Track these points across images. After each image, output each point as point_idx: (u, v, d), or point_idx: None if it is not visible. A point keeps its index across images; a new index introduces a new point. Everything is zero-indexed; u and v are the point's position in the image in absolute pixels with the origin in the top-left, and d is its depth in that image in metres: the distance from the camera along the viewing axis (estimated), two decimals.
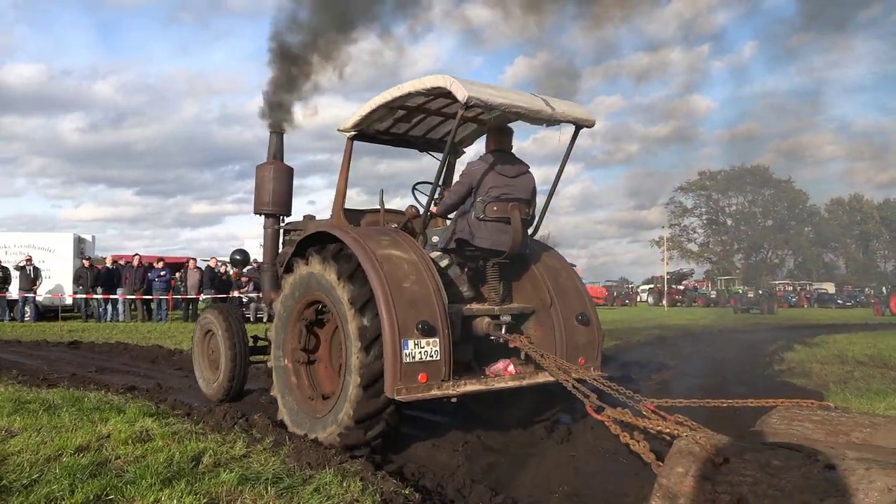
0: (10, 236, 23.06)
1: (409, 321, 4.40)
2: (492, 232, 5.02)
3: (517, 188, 5.10)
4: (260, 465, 4.20)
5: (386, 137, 6.26)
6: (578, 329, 5.20)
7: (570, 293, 5.36)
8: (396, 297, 4.43)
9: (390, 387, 4.36)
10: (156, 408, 5.91)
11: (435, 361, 4.44)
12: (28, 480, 3.72)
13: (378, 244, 4.75)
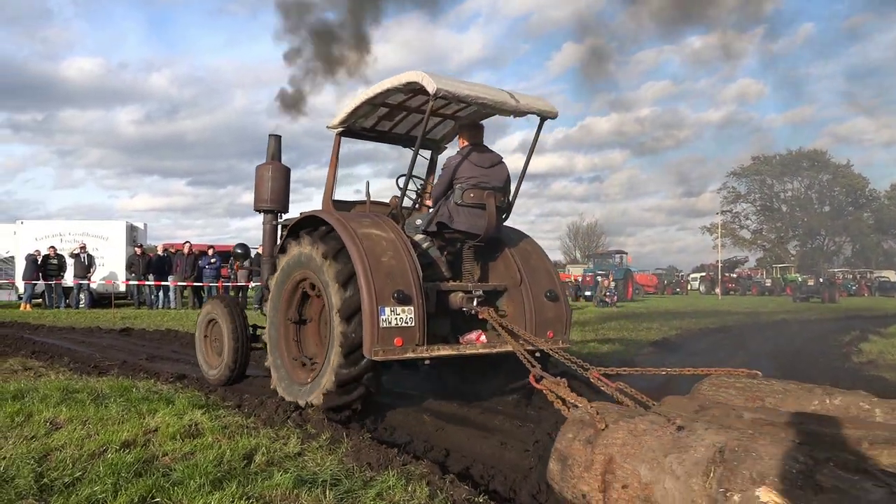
0: (65, 224, 23.43)
1: (386, 290, 4.81)
2: (468, 216, 5.49)
3: (492, 177, 5.58)
4: (316, 464, 3.87)
5: (371, 134, 6.67)
6: (547, 305, 5.63)
7: (539, 272, 5.80)
8: (374, 269, 4.85)
9: (368, 348, 4.73)
10: (205, 399, 5.65)
11: (410, 328, 4.85)
12: (70, 479, 3.45)
13: (360, 224, 5.19)
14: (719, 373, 4.13)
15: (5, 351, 9.14)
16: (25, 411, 4.84)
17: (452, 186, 5.55)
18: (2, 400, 5.20)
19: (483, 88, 5.38)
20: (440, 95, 5.13)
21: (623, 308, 26.11)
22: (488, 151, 5.71)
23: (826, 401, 3.55)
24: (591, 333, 12.87)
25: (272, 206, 7.00)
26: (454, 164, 5.57)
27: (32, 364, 7.98)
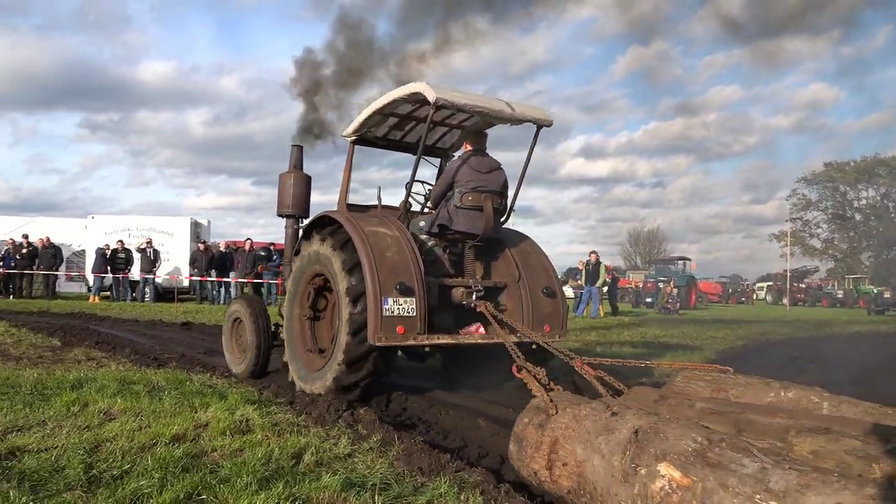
0: (132, 219, 24.15)
1: (389, 282, 5.20)
2: (467, 218, 5.82)
3: (490, 182, 5.89)
4: (366, 467, 3.73)
5: (383, 143, 7.11)
6: (544, 300, 5.95)
7: (537, 270, 6.12)
8: (379, 262, 5.25)
9: (372, 335, 5.12)
10: (258, 394, 5.60)
11: (411, 317, 5.23)
12: (119, 471, 3.40)
13: (367, 223, 5.62)
14: (692, 367, 4.57)
15: (71, 341, 9.36)
16: (82, 401, 4.87)
17: (452, 190, 5.90)
18: (61, 389, 5.25)
19: (480, 98, 5.74)
20: (440, 104, 5.50)
21: (685, 315, 25.39)
22: (488, 157, 6.06)
23: (781, 394, 3.93)
24: (649, 340, 12.46)
25: (293, 212, 7.35)
26: (454, 169, 5.93)
27: (95, 354, 8.13)
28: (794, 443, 3.10)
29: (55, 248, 21.99)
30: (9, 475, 3.23)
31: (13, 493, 2.97)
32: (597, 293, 21.48)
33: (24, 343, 8.95)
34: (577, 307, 22.95)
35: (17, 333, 9.94)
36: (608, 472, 2.93)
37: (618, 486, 2.86)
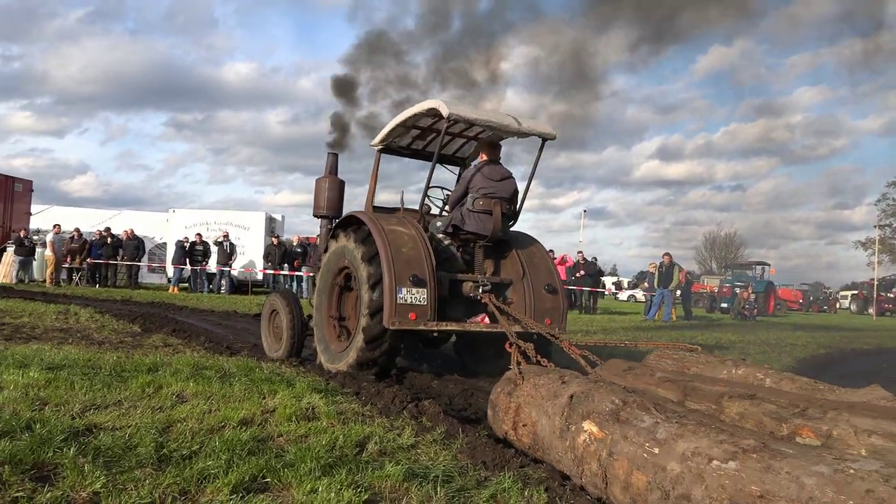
0: (210, 213, 24.93)
1: (404, 274, 5.84)
2: (478, 220, 6.44)
3: (501, 189, 6.47)
4: (429, 458, 3.69)
5: (407, 151, 7.76)
6: (546, 297, 6.53)
7: (541, 269, 6.69)
8: (395, 256, 5.89)
9: (388, 319, 5.80)
10: (325, 384, 5.65)
11: (422, 305, 5.88)
12: (188, 451, 3.46)
13: (387, 222, 6.27)
14: (665, 346, 5.24)
15: (150, 328, 9.70)
16: (157, 383, 5.00)
17: (467, 195, 6.49)
18: (137, 372, 5.41)
19: (490, 113, 6.37)
20: (452, 119, 6.14)
21: (762, 322, 24.47)
22: (501, 167, 6.61)
23: (733, 370, 4.56)
24: (723, 344, 12.03)
25: (328, 213, 7.93)
26: (469, 177, 6.55)
27: (172, 341, 8.39)
28: (726, 406, 3.82)
29: (138, 240, 22.90)
30: (85, 450, 3.32)
31: (88, 467, 3.06)
32: (669, 296, 20.91)
33: (106, 328, 9.32)
34: (647, 310, 22.42)
35: (100, 319, 10.37)
36: (551, 430, 3.60)
37: (557, 441, 3.54)
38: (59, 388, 4.63)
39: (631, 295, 51.77)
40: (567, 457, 3.42)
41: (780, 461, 2.44)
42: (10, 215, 22.92)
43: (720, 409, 3.84)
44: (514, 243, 6.82)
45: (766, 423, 3.58)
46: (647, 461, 2.92)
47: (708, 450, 2.71)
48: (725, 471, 2.57)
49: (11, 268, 20.09)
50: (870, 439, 3.12)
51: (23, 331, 8.48)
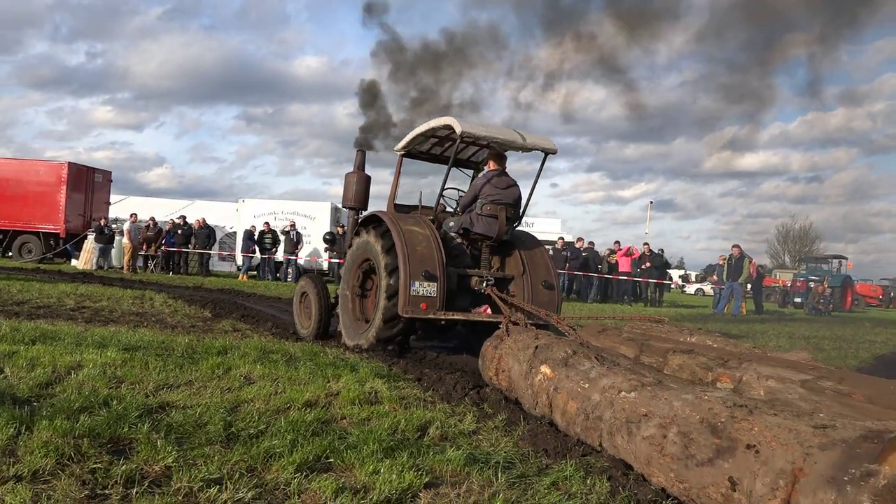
0: (278, 203, 25.47)
1: (417, 270, 6.55)
2: (485, 223, 7.17)
3: (506, 196, 7.18)
4: (490, 444, 3.69)
5: (426, 156, 8.45)
6: (542, 291, 7.22)
7: (539, 266, 7.38)
8: (411, 253, 6.61)
9: (402, 308, 6.51)
10: (387, 370, 5.71)
11: (432, 297, 6.58)
12: (255, 431, 3.55)
13: (405, 223, 6.98)
14: (637, 318, 6.40)
15: (220, 313, 9.99)
16: (226, 365, 5.15)
17: (476, 200, 7.20)
18: (208, 354, 5.58)
19: (498, 130, 7.15)
20: (464, 136, 6.93)
21: (838, 317, 23.53)
22: (507, 176, 7.34)
23: (688, 338, 5.55)
24: (796, 340, 11.60)
25: (355, 205, 8.67)
26: (479, 185, 7.24)
27: (241, 326, 8.63)
28: (670, 359, 4.86)
29: (210, 228, 23.59)
30: (158, 426, 3.45)
31: (160, 443, 3.17)
32: (739, 289, 20.29)
33: (179, 313, 9.65)
34: (716, 304, 21.83)
35: (174, 305, 10.74)
36: (520, 373, 4.63)
37: (522, 381, 4.58)
38: (134, 368, 4.82)
39: (699, 289, 50.54)
40: (528, 393, 4.46)
41: (664, 391, 3.41)
42: (91, 205, 23.93)
43: (665, 361, 4.92)
44: (517, 243, 7.52)
45: (697, 371, 4.60)
46: (579, 393, 3.89)
47: (620, 385, 3.67)
48: (627, 398, 3.53)
49: (92, 255, 20.99)
50: (767, 382, 4.08)
51: (101, 314, 8.85)
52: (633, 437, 3.33)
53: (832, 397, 3.75)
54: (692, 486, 2.91)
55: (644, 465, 3.25)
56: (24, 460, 2.86)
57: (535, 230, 29.60)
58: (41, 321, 7.42)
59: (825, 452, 2.44)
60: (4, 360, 4.78)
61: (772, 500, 2.51)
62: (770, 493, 2.52)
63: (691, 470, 2.92)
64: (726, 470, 2.75)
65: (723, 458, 2.79)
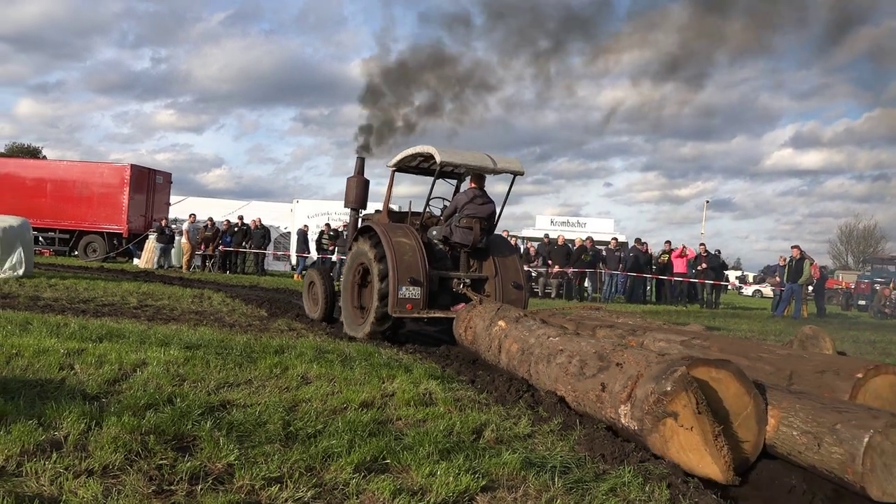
0: (330, 204, 25.81)
1: (404, 276, 7.73)
2: (462, 234, 8.42)
3: (480, 211, 8.46)
4: (546, 448, 3.67)
5: (415, 170, 9.76)
6: (512, 290, 8.40)
7: (510, 269, 8.58)
8: (399, 262, 7.78)
9: (391, 309, 7.69)
10: (441, 371, 5.73)
11: (417, 299, 7.76)
12: (312, 430, 3.61)
13: (394, 233, 8.13)
14: (581, 306, 7.86)
15: (276, 312, 10.17)
16: (283, 364, 5.24)
17: (456, 213, 8.46)
18: (265, 353, 5.69)
19: (472, 156, 8.41)
20: (443, 164, 8.25)
21: None
22: (484, 194, 8.66)
23: (618, 319, 7.12)
24: (861, 344, 11.19)
25: (354, 205, 9.96)
26: (460, 202, 8.50)
27: (296, 326, 8.77)
28: (597, 331, 6.33)
29: (265, 228, 24.02)
30: (220, 424, 3.53)
31: (223, 440, 3.25)
32: (799, 291, 19.69)
33: (236, 312, 9.87)
34: (776, 306, 21.24)
35: (231, 303, 10.99)
36: (482, 328, 6.34)
37: (483, 333, 6.28)
38: (196, 366, 4.95)
39: (756, 290, 49.27)
40: (486, 341, 6.16)
41: (577, 338, 5.09)
42: (152, 206, 24.65)
43: (593, 333, 6.43)
44: (493, 248, 8.69)
45: (614, 339, 5.85)
46: (522, 338, 5.59)
47: (549, 333, 5.37)
48: (552, 341, 5.16)
49: (153, 254, 21.62)
50: (658, 343, 5.88)
51: (163, 312, 9.11)
52: (549, 364, 4.92)
53: (697, 349, 5.48)
54: (580, 392, 4.41)
55: (553, 383, 4.80)
56: (94, 455, 2.97)
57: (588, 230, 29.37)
58: (107, 319, 7.68)
59: (657, 365, 3.81)
60: (74, 356, 4.96)
61: (622, 393, 3.91)
62: (622, 390, 3.92)
63: (581, 382, 4.42)
64: (601, 379, 4.20)
65: (601, 372, 4.25)
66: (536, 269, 21.24)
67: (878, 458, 3.16)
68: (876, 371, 4.18)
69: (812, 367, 4.47)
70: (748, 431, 3.67)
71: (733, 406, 3.68)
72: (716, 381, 3.67)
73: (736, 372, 3.75)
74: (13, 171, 24.60)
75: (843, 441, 3.27)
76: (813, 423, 3.49)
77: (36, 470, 2.77)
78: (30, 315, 7.11)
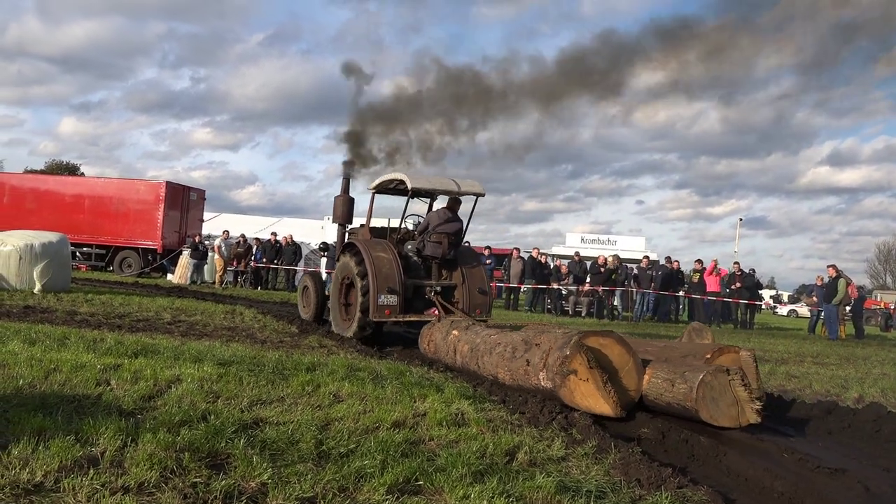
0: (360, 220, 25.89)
1: (383, 286, 9.04)
2: (433, 247, 9.75)
3: (449, 228, 9.81)
4: (580, 472, 3.61)
5: (393, 192, 10.89)
6: (477, 295, 9.77)
7: (476, 277, 9.93)
8: (378, 275, 9.08)
9: (372, 314, 9.02)
10: (472, 390, 5.69)
11: (394, 305, 9.08)
12: (345, 450, 3.60)
13: (374, 249, 9.46)
14: (537, 324, 7.50)
15: (307, 329, 10.22)
16: (315, 382, 5.25)
17: (428, 230, 9.82)
18: (297, 371, 5.71)
19: (439, 181, 9.96)
20: (413, 189, 9.66)
21: None
22: (454, 214, 10.02)
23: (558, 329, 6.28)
24: None
25: (341, 221, 11.32)
26: (432, 221, 9.90)
27: (327, 343, 8.80)
28: (533, 337, 5.96)
29: (296, 245, 24.23)
30: (253, 442, 3.54)
31: (256, 459, 3.25)
32: (835, 311, 19.26)
33: (268, 328, 9.93)
34: (812, 327, 20.82)
35: (262, 320, 11.06)
36: (441, 338, 7.71)
37: (441, 341, 7.66)
38: (229, 383, 4.98)
39: (791, 310, 48.39)
40: (444, 347, 7.55)
41: (510, 332, 6.54)
42: (186, 222, 25.04)
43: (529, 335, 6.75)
44: (461, 259, 10.05)
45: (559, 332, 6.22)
46: (471, 340, 6.94)
47: (491, 333, 6.76)
48: (492, 338, 6.59)
49: (186, 270, 21.92)
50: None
51: (196, 328, 9.21)
52: (491, 355, 6.37)
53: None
54: (512, 370, 5.88)
55: (494, 368, 6.25)
56: (130, 472, 2.99)
57: (618, 248, 29.14)
58: (142, 334, 7.79)
59: (561, 339, 5.32)
60: (111, 372, 5.03)
61: (540, 364, 5.35)
62: (539, 361, 5.37)
63: (513, 362, 5.90)
64: (526, 357, 5.67)
65: (526, 352, 5.72)
66: (567, 288, 21.08)
67: (708, 392, 4.80)
68: (720, 352, 5.65)
69: (679, 353, 5.98)
70: (631, 380, 5.25)
71: (618, 362, 5.24)
72: (603, 346, 5.24)
73: (617, 338, 5.36)
74: (52, 187, 25.19)
75: (686, 380, 4.92)
76: (670, 373, 5.13)
77: (73, 486, 2.79)
78: (67, 330, 7.24)
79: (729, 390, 4.81)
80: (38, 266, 12.45)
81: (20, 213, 23.29)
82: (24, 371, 4.81)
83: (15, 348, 5.65)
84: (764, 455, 4.38)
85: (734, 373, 4.89)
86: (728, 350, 5.69)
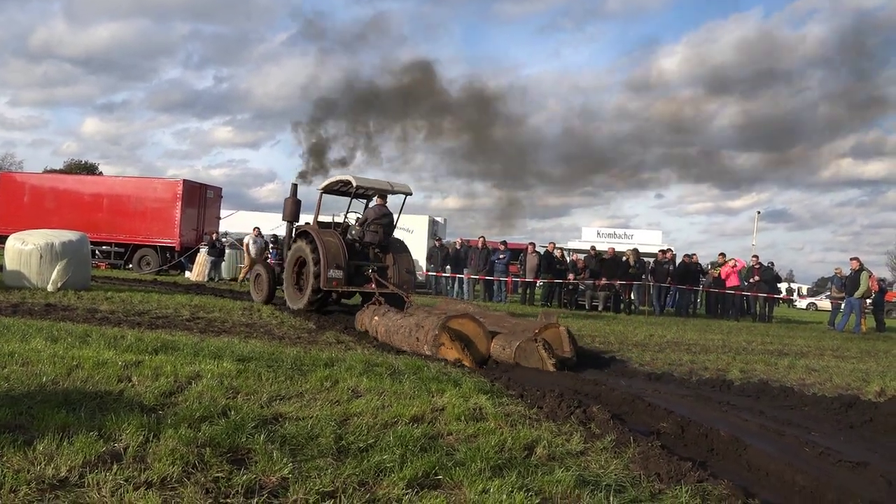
0: None
1: (332, 263, 11.66)
2: (371, 235, 12.52)
3: (383, 220, 12.67)
4: (599, 466, 3.60)
5: (339, 193, 13.46)
6: (405, 275, 12.60)
7: (404, 259, 12.77)
8: (328, 253, 11.68)
9: (323, 285, 11.65)
10: (490, 385, 5.70)
11: (340, 278, 11.69)
12: (364, 445, 3.61)
13: (324, 235, 12.10)
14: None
15: (324, 325, 10.28)
16: (333, 378, 5.28)
17: (367, 222, 12.48)
18: (315, 366, 5.74)
19: (376, 182, 12.72)
20: (357, 188, 12.55)
21: None
22: (385, 208, 12.76)
23: (510, 318, 9.06)
24: None
25: (290, 219, 13.72)
26: (370, 214, 12.67)
27: (344, 338, 8.85)
28: (421, 321, 8.06)
29: None
30: (273, 437, 3.57)
31: (276, 454, 3.27)
32: (857, 305, 19.07)
33: (285, 325, 10.00)
34: (831, 320, 20.63)
35: (280, 316, 11.14)
36: (368, 320, 9.74)
37: (368, 323, 9.66)
38: (248, 379, 5.01)
39: (811, 303, 47.96)
40: (371, 328, 9.33)
41: (409, 318, 8.66)
42: (203, 220, 25.22)
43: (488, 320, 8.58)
44: (392, 247, 12.81)
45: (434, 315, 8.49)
46: (386, 324, 8.93)
47: (398, 317, 8.96)
48: (399, 321, 8.66)
49: (204, 267, 22.07)
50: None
51: (214, 325, 9.28)
52: (398, 333, 8.33)
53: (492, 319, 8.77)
54: (410, 343, 7.93)
55: (401, 343, 8.18)
56: (153, 467, 3.02)
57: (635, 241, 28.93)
58: (161, 331, 7.86)
59: (441, 320, 7.65)
60: (132, 368, 5.08)
61: (423, 339, 7.67)
62: (423, 337, 7.66)
63: (409, 338, 7.99)
64: (417, 335, 7.82)
65: (417, 332, 7.83)
66: (583, 283, 20.99)
67: (521, 353, 7.27)
68: (546, 328, 7.59)
69: (522, 328, 8.03)
70: (482, 345, 7.62)
71: (472, 334, 7.62)
72: (462, 325, 7.63)
73: (472, 318, 7.85)
74: (72, 186, 25.48)
75: (511, 345, 7.35)
76: (504, 341, 7.53)
77: (97, 481, 2.83)
78: (88, 327, 7.32)
79: (536, 352, 7.22)
80: (59, 264, 12.60)
81: (40, 213, 23.57)
82: (47, 368, 4.88)
83: (38, 346, 5.73)
84: (785, 449, 4.35)
85: (539, 341, 7.24)
86: (552, 326, 7.66)
